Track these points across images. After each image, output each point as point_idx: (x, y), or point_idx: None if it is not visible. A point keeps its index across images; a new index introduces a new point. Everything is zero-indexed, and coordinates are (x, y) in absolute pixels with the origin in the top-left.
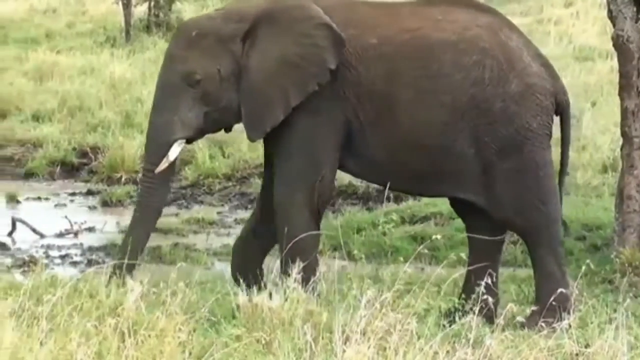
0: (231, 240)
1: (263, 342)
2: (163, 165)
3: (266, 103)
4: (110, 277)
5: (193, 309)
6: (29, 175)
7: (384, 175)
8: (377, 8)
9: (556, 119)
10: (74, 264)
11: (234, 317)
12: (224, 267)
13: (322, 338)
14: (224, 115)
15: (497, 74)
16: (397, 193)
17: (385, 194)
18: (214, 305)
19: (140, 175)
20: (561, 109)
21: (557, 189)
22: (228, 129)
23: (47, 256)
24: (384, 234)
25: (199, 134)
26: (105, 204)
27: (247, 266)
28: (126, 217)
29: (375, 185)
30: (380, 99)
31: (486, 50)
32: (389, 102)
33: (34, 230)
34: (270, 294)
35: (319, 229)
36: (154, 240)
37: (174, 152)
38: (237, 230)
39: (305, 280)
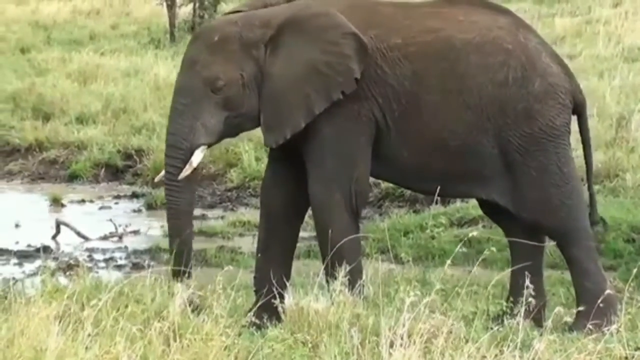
0: None
1: (309, 345)
2: (187, 171)
3: (288, 109)
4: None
5: (239, 313)
6: (73, 178)
7: (407, 176)
8: (397, 8)
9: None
10: (119, 267)
11: (280, 320)
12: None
13: (369, 341)
14: (244, 121)
15: (521, 74)
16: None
17: (435, 197)
18: (259, 308)
19: (164, 181)
20: (579, 108)
21: (581, 186)
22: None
23: (91, 259)
24: (433, 237)
25: (220, 139)
26: (149, 206)
27: (273, 271)
28: None
29: None
30: (405, 100)
31: (509, 52)
32: (414, 103)
33: (78, 234)
34: (317, 297)
35: (359, 229)
36: (199, 244)
37: (197, 157)
38: None
39: (351, 283)
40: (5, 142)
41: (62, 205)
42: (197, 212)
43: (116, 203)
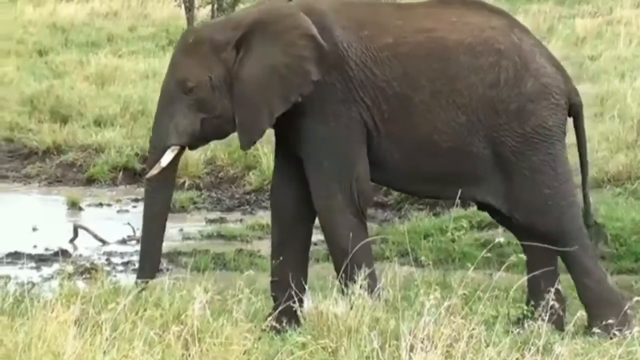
0: None
1: (329, 349)
2: (155, 170)
3: (254, 112)
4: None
5: (258, 317)
6: (90, 181)
7: (399, 178)
8: (392, 8)
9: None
10: (137, 271)
11: (299, 324)
12: None
13: (389, 345)
14: (222, 123)
15: (513, 74)
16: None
17: (456, 200)
18: (279, 312)
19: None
20: (574, 109)
21: (574, 190)
22: (223, 137)
23: (109, 263)
24: (453, 240)
25: (198, 140)
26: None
27: (289, 274)
28: (190, 223)
29: None
30: (395, 100)
31: (501, 52)
32: (404, 104)
33: (96, 237)
34: (336, 301)
35: (366, 228)
36: (218, 247)
37: (167, 158)
38: None
39: (369, 287)
40: (23, 145)
41: (80, 209)
42: (215, 215)
43: (134, 206)
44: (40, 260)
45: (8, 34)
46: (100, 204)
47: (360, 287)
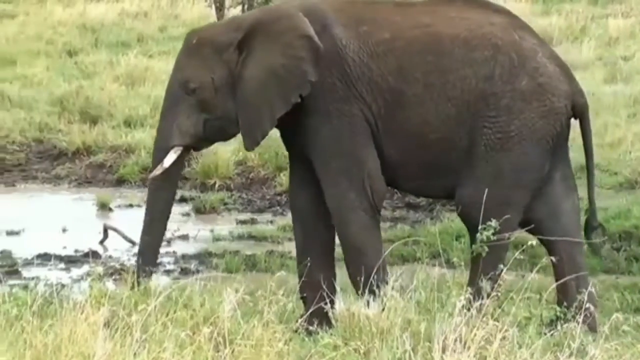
0: None
1: (361, 351)
2: (157, 171)
3: (257, 113)
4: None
5: (290, 318)
6: (120, 182)
7: (396, 175)
8: (393, 6)
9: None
10: (167, 272)
11: (331, 326)
12: None
13: (421, 347)
14: (225, 124)
15: (508, 70)
16: None
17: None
18: (310, 314)
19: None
20: (579, 111)
21: (524, 199)
22: (228, 138)
23: None
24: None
25: (201, 141)
26: (198, 211)
27: (317, 275)
28: (220, 224)
29: None
30: (390, 95)
31: (498, 47)
32: (397, 99)
33: (126, 238)
34: (368, 303)
35: (379, 226)
36: (249, 248)
37: (169, 158)
38: None
39: (374, 284)
40: (53, 146)
41: (110, 210)
42: (246, 216)
43: None
44: (70, 261)
45: (37, 34)
46: (130, 205)
47: (392, 288)
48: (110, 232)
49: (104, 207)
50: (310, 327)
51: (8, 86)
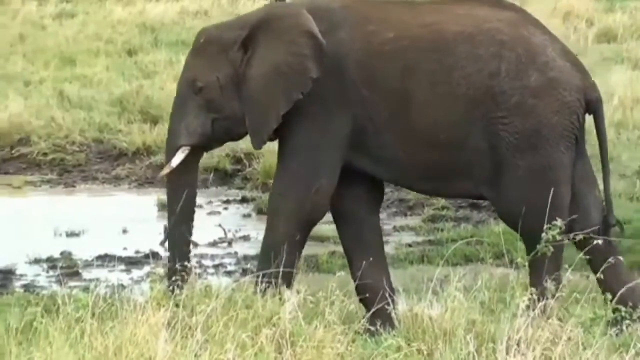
0: (390, 249)
1: (424, 353)
2: (165, 170)
3: (263, 111)
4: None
5: (352, 319)
6: None
7: (407, 176)
8: (402, 5)
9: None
10: (228, 273)
11: (393, 327)
12: None
13: (485, 348)
14: (232, 124)
15: (516, 66)
16: None
17: (548, 200)
18: (372, 314)
19: None
20: (592, 106)
21: (565, 197)
22: (237, 138)
23: (200, 265)
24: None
25: (210, 141)
26: (260, 211)
27: (374, 276)
28: None
29: None
30: (396, 95)
31: (504, 43)
32: (404, 97)
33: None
34: (431, 303)
35: (303, 241)
36: (310, 249)
37: (177, 158)
38: (395, 238)
39: (275, 286)
40: (113, 146)
41: None
42: None
43: (225, 208)
44: (131, 262)
45: (97, 33)
46: None
47: (456, 289)
48: None
49: (164, 208)
50: (372, 328)
51: (68, 86)
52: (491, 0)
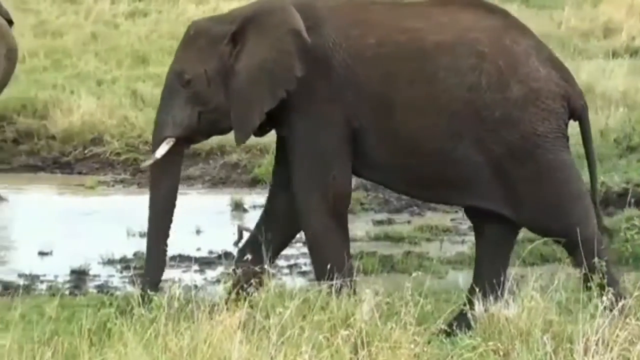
0: (466, 249)
1: (500, 352)
2: (148, 162)
3: (248, 107)
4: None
5: (428, 320)
6: (255, 182)
7: (392, 178)
8: (386, 8)
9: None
10: (303, 273)
11: (470, 328)
12: (459, 276)
13: (562, 349)
14: (218, 117)
15: (497, 79)
16: None
17: (628, 198)
18: (449, 315)
19: None
20: (577, 113)
21: (582, 191)
22: (223, 132)
23: (275, 266)
24: (626, 240)
25: (195, 134)
26: None
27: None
28: (357, 224)
29: (616, 189)
30: (377, 102)
31: (484, 55)
32: (385, 105)
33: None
34: (508, 303)
35: (343, 231)
36: (385, 249)
37: (162, 149)
38: (472, 238)
39: (342, 284)
40: None
41: (245, 210)
42: (382, 216)
43: None
44: (204, 263)
45: (170, 32)
46: None
47: (532, 289)
48: (245, 233)
49: (238, 208)
50: (449, 329)
51: (141, 85)
52: (476, 3)
